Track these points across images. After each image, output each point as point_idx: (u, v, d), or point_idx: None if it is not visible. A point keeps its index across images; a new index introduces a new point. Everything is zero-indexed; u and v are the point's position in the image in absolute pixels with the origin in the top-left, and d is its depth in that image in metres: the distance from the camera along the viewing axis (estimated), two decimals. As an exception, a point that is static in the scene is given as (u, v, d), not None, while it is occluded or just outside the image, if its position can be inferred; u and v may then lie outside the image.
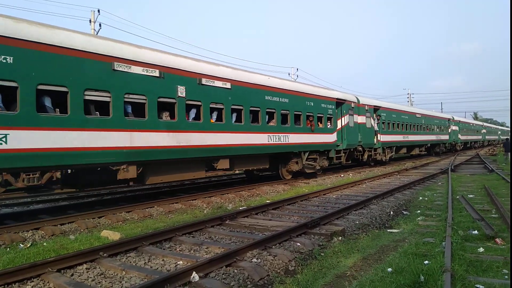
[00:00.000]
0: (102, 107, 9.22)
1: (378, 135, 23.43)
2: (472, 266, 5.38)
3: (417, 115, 31.58)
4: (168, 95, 10.44)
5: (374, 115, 23.23)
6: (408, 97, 62.64)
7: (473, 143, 57.16)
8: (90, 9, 24.22)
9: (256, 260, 5.79)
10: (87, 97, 8.63)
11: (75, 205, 11.34)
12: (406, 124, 28.65)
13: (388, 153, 25.56)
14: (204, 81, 11.51)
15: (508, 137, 36.05)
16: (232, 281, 5.06)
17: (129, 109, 9.82)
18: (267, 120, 14.22)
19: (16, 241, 7.43)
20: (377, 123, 23.30)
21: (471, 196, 11.76)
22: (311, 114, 16.83)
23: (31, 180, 8.88)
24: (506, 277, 4.96)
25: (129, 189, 14.98)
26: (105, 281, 5.23)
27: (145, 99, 9.82)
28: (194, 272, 5.06)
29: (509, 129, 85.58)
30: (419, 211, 9.85)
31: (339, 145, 19.05)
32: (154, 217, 9.83)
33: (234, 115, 12.93)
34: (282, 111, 14.93)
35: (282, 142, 14.82)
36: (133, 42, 10.33)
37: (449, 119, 40.94)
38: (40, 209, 10.79)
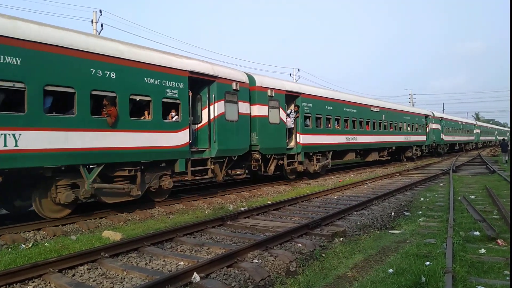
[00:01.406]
0: None
1: (298, 135, 15.93)
2: (473, 267, 5.38)
3: (373, 109, 22.96)
4: None
5: (291, 106, 16.18)
6: (409, 98, 62.35)
7: (462, 145, 48.97)
8: (92, 10, 24.18)
9: (257, 261, 5.79)
10: None
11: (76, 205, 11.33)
12: (354, 120, 20.59)
13: (321, 161, 17.52)
14: None
15: (505, 138, 35.77)
16: (233, 281, 5.06)
17: None
18: None
19: (18, 242, 7.43)
20: (295, 117, 15.89)
21: (472, 197, 11.74)
22: (111, 94, 9.07)
23: None
24: (507, 278, 4.95)
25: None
26: (106, 281, 5.23)
27: None
28: (195, 273, 5.07)
29: (507, 129, 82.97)
30: (420, 212, 9.84)
31: (203, 150, 11.78)
32: (155, 218, 9.84)
33: None
34: None
35: None
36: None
37: (427, 116, 33.01)
38: (41, 210, 10.79)
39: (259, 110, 13.99)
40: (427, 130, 32.86)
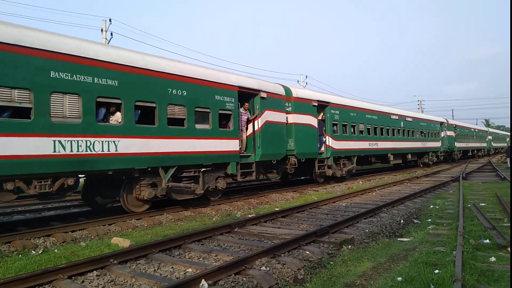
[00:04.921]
0: None
1: None
2: (483, 276, 5.32)
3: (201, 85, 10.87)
4: None
5: None
6: (419, 104, 61.76)
7: (409, 155, 27.26)
8: (102, 19, 24.54)
9: (265, 268, 5.79)
10: None
11: (86, 212, 11.45)
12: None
13: None
14: None
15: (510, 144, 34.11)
16: (241, 289, 5.06)
17: None
18: None
19: (28, 248, 7.52)
20: None
21: (482, 204, 11.61)
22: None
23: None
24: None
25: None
26: (115, 288, 5.27)
27: None
28: (203, 280, 5.08)
29: (505, 133, 79.15)
30: (429, 220, 9.76)
31: None
32: (163, 225, 9.89)
33: None
34: None
35: None
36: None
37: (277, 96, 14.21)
38: (51, 216, 10.92)
39: None
40: (294, 140, 15.01)
